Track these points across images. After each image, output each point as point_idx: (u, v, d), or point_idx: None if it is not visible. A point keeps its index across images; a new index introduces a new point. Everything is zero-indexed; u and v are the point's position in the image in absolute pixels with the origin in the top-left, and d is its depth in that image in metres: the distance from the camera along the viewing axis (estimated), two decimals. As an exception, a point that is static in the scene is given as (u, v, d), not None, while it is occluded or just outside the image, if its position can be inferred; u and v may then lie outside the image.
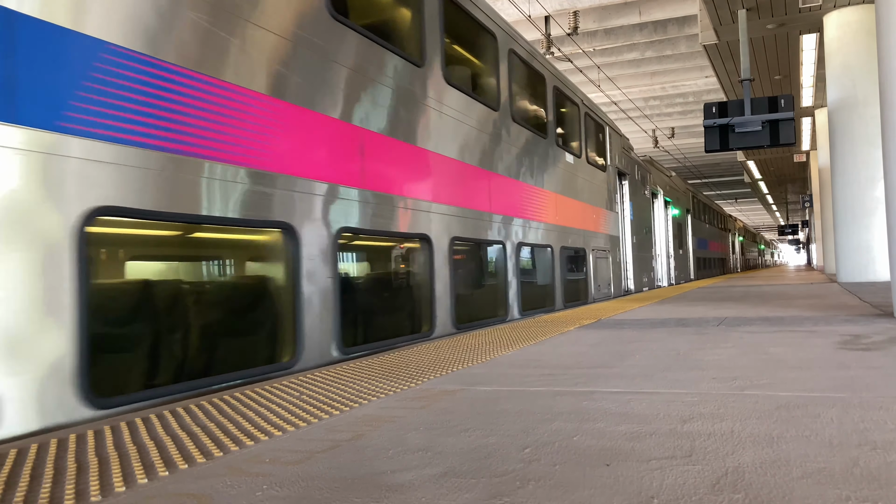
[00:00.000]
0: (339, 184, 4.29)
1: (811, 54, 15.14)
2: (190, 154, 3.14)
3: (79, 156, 2.65)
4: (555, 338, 4.41)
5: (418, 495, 1.42)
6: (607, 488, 1.42)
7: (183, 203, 3.09)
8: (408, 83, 5.17)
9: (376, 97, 4.75)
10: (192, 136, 3.16)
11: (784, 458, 1.58)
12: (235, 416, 2.29)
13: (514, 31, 7.50)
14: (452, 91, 5.88)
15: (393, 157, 4.93)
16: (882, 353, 3.18)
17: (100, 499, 1.48)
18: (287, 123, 3.84)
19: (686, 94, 25.23)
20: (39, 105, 2.51)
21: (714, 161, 39.07)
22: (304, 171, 3.95)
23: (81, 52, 2.69)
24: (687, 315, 5.84)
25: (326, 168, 4.16)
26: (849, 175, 11.64)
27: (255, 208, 3.55)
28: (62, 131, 2.59)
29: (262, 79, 3.64)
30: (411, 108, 5.23)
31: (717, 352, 3.45)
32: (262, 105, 3.64)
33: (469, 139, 6.20)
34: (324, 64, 4.17)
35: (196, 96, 3.19)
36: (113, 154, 2.78)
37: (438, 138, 5.61)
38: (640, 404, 2.24)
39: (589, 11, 17.38)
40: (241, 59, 3.50)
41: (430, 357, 3.66)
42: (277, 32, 3.78)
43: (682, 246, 19.34)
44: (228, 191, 3.36)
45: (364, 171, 4.56)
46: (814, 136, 23.27)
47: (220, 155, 3.32)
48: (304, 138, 3.98)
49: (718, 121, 10.08)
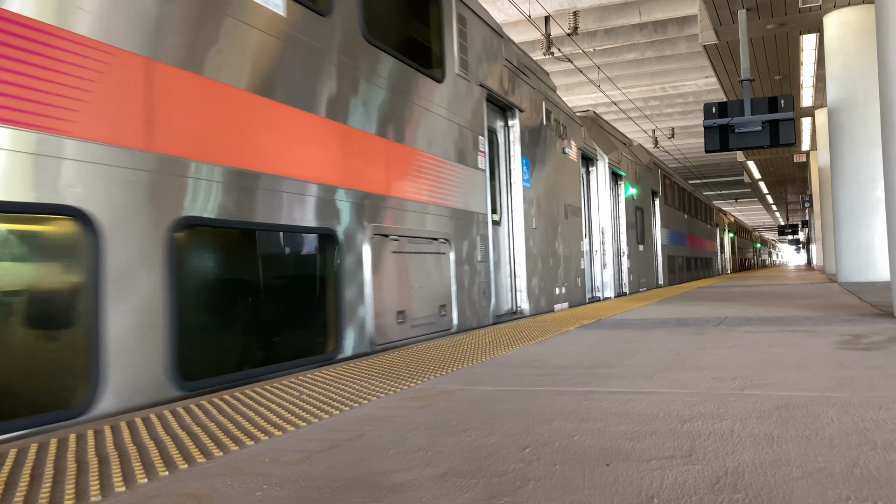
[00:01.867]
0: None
1: (811, 54, 15.14)
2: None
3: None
4: (555, 337, 4.41)
5: (418, 495, 1.42)
6: (607, 488, 1.42)
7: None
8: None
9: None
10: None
11: (784, 458, 1.58)
12: (235, 416, 2.29)
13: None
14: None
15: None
16: (882, 353, 3.18)
17: (100, 499, 1.48)
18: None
19: (686, 94, 25.23)
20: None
21: (714, 161, 39.09)
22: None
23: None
24: (687, 315, 5.84)
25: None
26: (849, 175, 11.64)
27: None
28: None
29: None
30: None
31: (717, 351, 3.45)
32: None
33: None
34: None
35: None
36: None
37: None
38: (640, 404, 2.24)
39: (589, 11, 17.38)
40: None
41: (430, 357, 3.66)
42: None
43: (643, 240, 13.97)
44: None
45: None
46: (814, 137, 23.28)
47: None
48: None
49: (718, 121, 10.08)
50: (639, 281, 13.29)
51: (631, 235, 12.74)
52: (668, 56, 20.95)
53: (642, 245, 13.81)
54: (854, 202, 11.57)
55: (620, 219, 12.15)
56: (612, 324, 5.27)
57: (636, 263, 13.13)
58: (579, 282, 9.51)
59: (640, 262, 13.54)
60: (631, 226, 12.79)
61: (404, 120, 5.11)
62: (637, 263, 13.17)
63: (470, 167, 6.15)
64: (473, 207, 6.19)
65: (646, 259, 14.16)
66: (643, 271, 13.79)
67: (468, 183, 6.11)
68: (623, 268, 12.16)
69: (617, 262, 11.85)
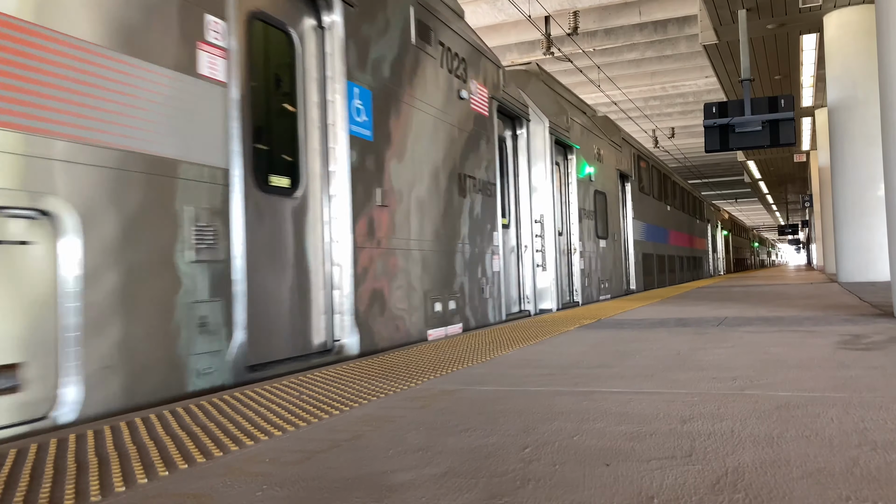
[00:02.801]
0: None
1: (811, 54, 15.14)
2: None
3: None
4: (555, 338, 4.41)
5: (418, 495, 1.42)
6: (607, 488, 1.42)
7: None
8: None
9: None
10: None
11: (784, 458, 1.58)
12: (235, 416, 2.29)
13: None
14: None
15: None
16: (882, 353, 3.18)
17: (100, 499, 1.48)
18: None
19: (686, 94, 25.23)
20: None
21: (714, 161, 39.09)
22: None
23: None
24: (687, 315, 5.84)
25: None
26: (849, 175, 11.64)
27: None
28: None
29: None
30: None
31: (717, 352, 3.45)
32: None
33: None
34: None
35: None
36: None
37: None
38: (640, 404, 2.24)
39: (589, 11, 17.38)
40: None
41: (430, 357, 3.66)
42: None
43: (606, 234, 10.90)
44: None
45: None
46: (814, 136, 23.27)
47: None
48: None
49: (718, 121, 10.08)
50: (599, 286, 10.25)
51: (587, 227, 9.81)
52: (669, 56, 20.95)
53: (604, 240, 10.74)
54: (854, 202, 11.57)
55: (571, 205, 9.16)
56: (612, 324, 5.27)
57: (595, 264, 10.15)
58: (488, 292, 6.55)
59: (602, 262, 10.54)
60: (587, 215, 9.83)
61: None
62: (596, 263, 10.21)
63: (178, 72, 3.17)
64: (190, 155, 3.21)
65: (610, 258, 11.05)
66: (606, 273, 10.76)
67: (171, 104, 3.13)
68: (574, 269, 9.16)
69: (564, 262, 8.92)
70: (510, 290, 7.47)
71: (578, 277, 9.23)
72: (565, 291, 8.93)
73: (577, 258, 9.21)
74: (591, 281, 9.90)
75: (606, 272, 10.74)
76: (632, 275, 12.60)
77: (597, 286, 10.14)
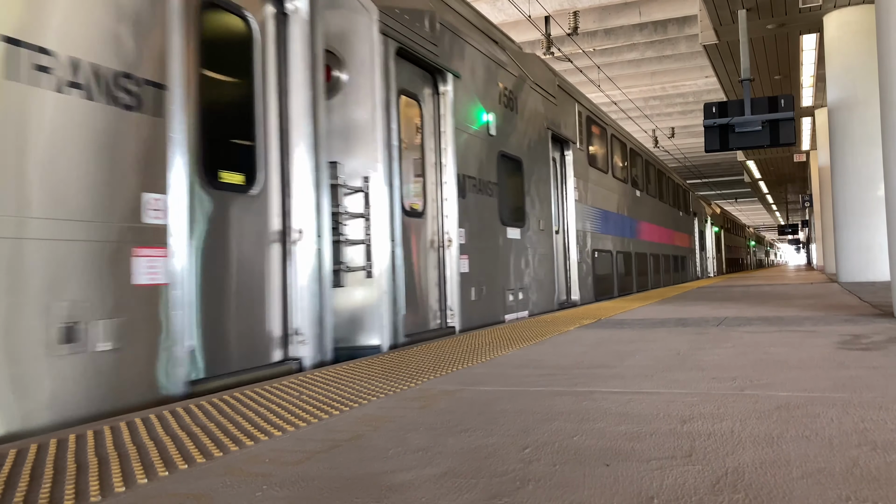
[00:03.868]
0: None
1: (811, 54, 15.14)
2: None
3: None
4: (555, 338, 4.41)
5: (418, 495, 1.42)
6: (607, 488, 1.42)
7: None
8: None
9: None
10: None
11: (784, 458, 1.57)
12: (235, 416, 2.29)
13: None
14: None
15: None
16: (882, 353, 3.18)
17: (100, 499, 1.48)
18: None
19: (686, 94, 25.24)
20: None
21: (714, 161, 39.10)
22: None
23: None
24: (687, 315, 5.84)
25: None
26: (849, 175, 11.64)
27: None
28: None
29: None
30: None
31: (717, 352, 3.45)
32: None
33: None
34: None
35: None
36: None
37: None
38: (640, 404, 2.24)
39: (589, 11, 17.38)
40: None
41: (429, 357, 3.66)
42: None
43: (521, 220, 7.29)
44: None
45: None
46: (814, 136, 23.27)
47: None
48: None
49: (718, 121, 10.07)
50: (504, 298, 6.66)
51: (480, 207, 6.28)
52: (668, 56, 20.95)
53: (518, 229, 7.19)
54: (854, 202, 11.57)
55: (444, 169, 5.68)
56: (613, 324, 5.27)
57: (496, 264, 6.57)
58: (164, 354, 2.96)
59: (515, 262, 7.03)
60: (479, 188, 6.28)
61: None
62: (497, 264, 6.59)
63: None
64: None
65: (531, 256, 7.53)
66: (522, 278, 7.18)
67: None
68: (450, 274, 5.61)
69: (418, 264, 5.28)
70: (274, 326, 3.76)
71: (454, 287, 5.63)
72: (430, 310, 5.42)
73: (453, 255, 5.64)
74: (485, 292, 6.28)
75: (521, 277, 7.20)
76: (573, 278, 9.00)
77: (500, 300, 6.57)
